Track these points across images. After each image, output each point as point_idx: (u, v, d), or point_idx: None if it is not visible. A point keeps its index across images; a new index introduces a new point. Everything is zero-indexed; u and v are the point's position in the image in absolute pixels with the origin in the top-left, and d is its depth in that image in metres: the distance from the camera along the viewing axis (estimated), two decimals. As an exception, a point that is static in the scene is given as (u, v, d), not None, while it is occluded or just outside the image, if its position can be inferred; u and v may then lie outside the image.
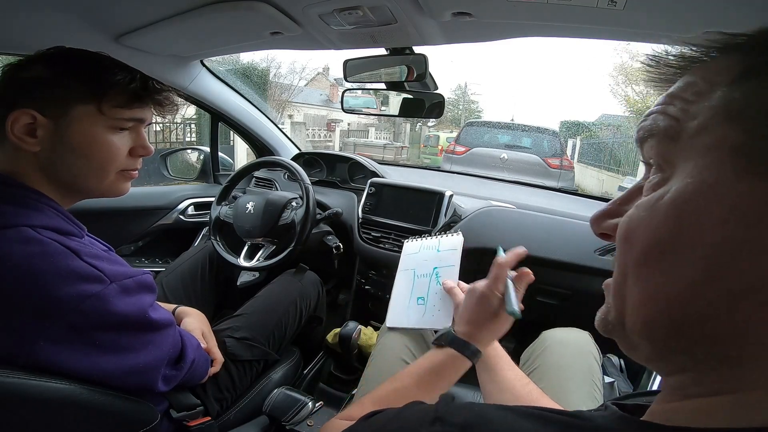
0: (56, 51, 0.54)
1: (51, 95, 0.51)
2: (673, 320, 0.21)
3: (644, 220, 0.22)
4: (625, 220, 0.24)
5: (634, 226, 0.23)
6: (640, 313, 0.23)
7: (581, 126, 11.18)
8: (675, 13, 0.59)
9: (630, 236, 0.23)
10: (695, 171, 0.21)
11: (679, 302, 0.21)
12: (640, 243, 0.22)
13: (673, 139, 0.22)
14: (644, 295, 0.22)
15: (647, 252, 0.22)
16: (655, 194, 0.23)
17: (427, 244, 0.83)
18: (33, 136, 0.50)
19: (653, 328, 0.22)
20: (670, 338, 0.22)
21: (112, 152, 0.55)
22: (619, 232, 0.24)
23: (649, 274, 0.22)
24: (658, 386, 0.88)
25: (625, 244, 0.23)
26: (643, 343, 0.23)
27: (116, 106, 0.54)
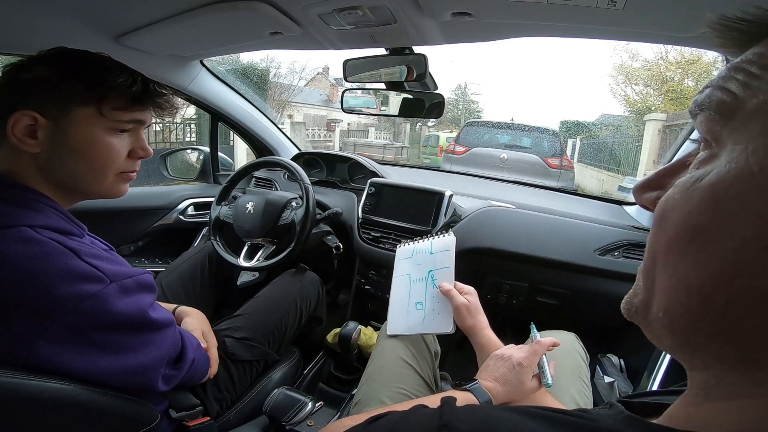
0: (57, 52, 0.54)
1: (52, 97, 0.51)
2: (694, 312, 0.20)
3: (679, 202, 0.21)
4: (663, 200, 0.22)
5: (669, 208, 0.22)
6: (663, 301, 0.22)
7: (581, 126, 11.19)
8: (675, 13, 0.59)
9: (664, 218, 0.22)
10: (741, 156, 0.19)
11: (702, 294, 0.19)
12: (672, 226, 0.21)
13: (725, 117, 0.20)
14: (669, 282, 0.21)
15: (678, 237, 0.21)
16: (695, 174, 0.21)
17: (419, 247, 0.83)
18: (33, 137, 0.50)
19: (674, 318, 0.21)
20: (689, 331, 0.21)
21: (111, 154, 0.55)
22: (656, 212, 0.23)
23: (676, 260, 0.21)
24: (658, 386, 0.88)
25: (659, 226, 0.22)
26: (664, 333, 0.22)
27: (116, 109, 0.54)
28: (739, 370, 0.20)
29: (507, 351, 0.63)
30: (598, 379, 1.00)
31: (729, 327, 0.19)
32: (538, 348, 0.62)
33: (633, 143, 7.49)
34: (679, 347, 0.22)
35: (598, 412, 0.25)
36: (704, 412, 0.21)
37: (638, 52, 10.46)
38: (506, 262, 1.09)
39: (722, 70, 0.22)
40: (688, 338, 0.21)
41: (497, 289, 1.12)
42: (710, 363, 0.21)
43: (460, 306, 0.70)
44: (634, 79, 10.58)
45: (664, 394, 0.30)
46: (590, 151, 9.15)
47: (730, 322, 0.19)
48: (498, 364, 0.61)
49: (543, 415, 0.23)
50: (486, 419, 0.24)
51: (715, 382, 0.21)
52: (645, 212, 1.15)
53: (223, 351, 0.79)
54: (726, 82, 0.21)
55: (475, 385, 0.58)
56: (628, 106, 10.69)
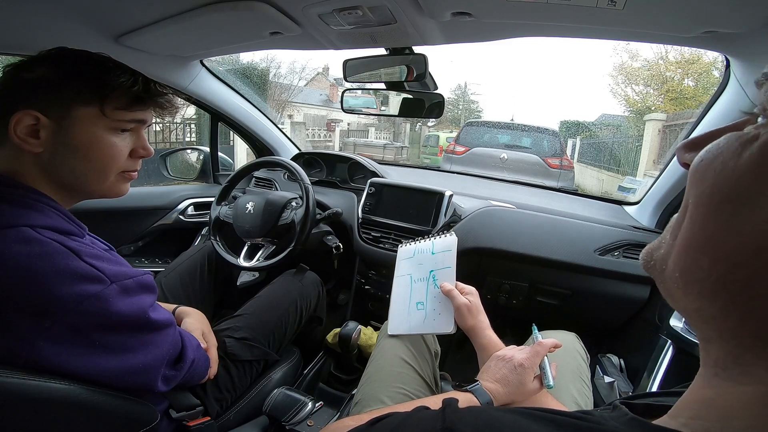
0: (59, 52, 0.54)
1: (54, 97, 0.51)
2: (713, 278, 0.19)
3: (722, 156, 0.19)
4: (705, 151, 0.21)
5: (710, 159, 0.20)
6: (680, 260, 0.20)
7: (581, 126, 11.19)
8: (675, 13, 0.59)
9: (702, 170, 0.20)
10: None
11: (726, 261, 0.18)
12: (710, 179, 0.19)
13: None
14: (692, 240, 0.20)
15: (713, 192, 0.19)
16: (751, 132, 0.19)
17: (421, 247, 0.83)
18: (35, 137, 0.50)
19: (690, 281, 0.20)
20: (704, 298, 0.19)
21: (113, 154, 0.56)
22: (694, 163, 0.21)
23: (705, 217, 0.19)
24: (658, 386, 0.88)
25: (694, 177, 0.21)
26: (677, 293, 0.21)
27: (118, 108, 0.54)
28: (754, 350, 0.19)
29: (508, 352, 0.63)
30: (598, 379, 1.00)
31: (748, 301, 0.18)
32: (540, 349, 0.62)
33: (633, 143, 7.49)
34: (693, 312, 0.21)
35: (601, 414, 0.25)
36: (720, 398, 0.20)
37: (638, 52, 10.48)
38: (506, 262, 1.09)
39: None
40: (701, 305, 0.20)
41: (497, 289, 1.12)
42: (725, 337, 0.20)
43: (461, 306, 0.70)
44: (634, 79, 10.59)
45: (667, 395, 0.30)
46: (590, 151, 9.15)
47: (750, 296, 0.18)
48: (499, 365, 0.61)
49: (546, 417, 0.23)
50: (489, 421, 0.24)
51: (732, 359, 0.20)
52: (645, 212, 1.16)
53: (223, 351, 0.79)
54: None
55: (477, 386, 0.57)
56: (628, 106, 10.69)
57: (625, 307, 1.03)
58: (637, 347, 1.02)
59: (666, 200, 1.07)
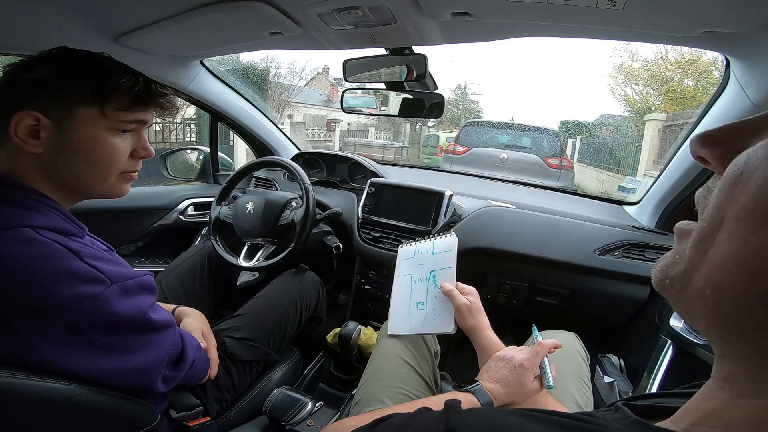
0: (60, 52, 0.54)
1: (55, 97, 0.51)
2: (751, 296, 0.18)
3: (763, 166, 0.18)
4: (743, 160, 0.19)
5: (752, 168, 0.19)
6: (715, 276, 0.19)
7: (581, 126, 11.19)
8: (675, 13, 0.59)
9: (742, 180, 0.19)
10: None
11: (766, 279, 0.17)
12: (752, 192, 0.18)
13: None
14: (730, 255, 0.19)
15: (756, 205, 0.18)
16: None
17: (421, 247, 0.83)
18: (36, 137, 0.50)
19: (724, 297, 0.19)
20: (738, 315, 0.18)
21: (114, 154, 0.55)
22: (729, 172, 0.20)
23: (748, 231, 0.18)
24: (658, 386, 0.88)
25: (733, 187, 0.19)
26: (703, 312, 0.20)
27: (119, 109, 0.54)
28: None
29: (508, 352, 0.63)
30: (598, 379, 1.00)
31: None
32: (540, 349, 0.62)
33: (633, 143, 7.50)
34: (715, 330, 0.20)
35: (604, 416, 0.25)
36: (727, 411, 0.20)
37: (638, 52, 10.48)
38: (506, 262, 1.09)
39: None
40: (733, 323, 0.19)
41: (497, 289, 1.12)
42: (746, 354, 0.19)
43: (462, 306, 0.70)
44: (634, 79, 10.58)
45: (668, 397, 0.30)
46: (590, 151, 9.15)
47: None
48: (499, 365, 0.61)
49: (550, 419, 0.23)
50: (493, 423, 0.23)
51: (746, 376, 0.19)
52: (645, 212, 1.16)
53: (223, 351, 0.79)
54: None
55: (477, 386, 0.57)
56: (628, 106, 10.69)
57: (625, 307, 1.03)
58: (637, 347, 1.02)
59: (666, 200, 1.07)
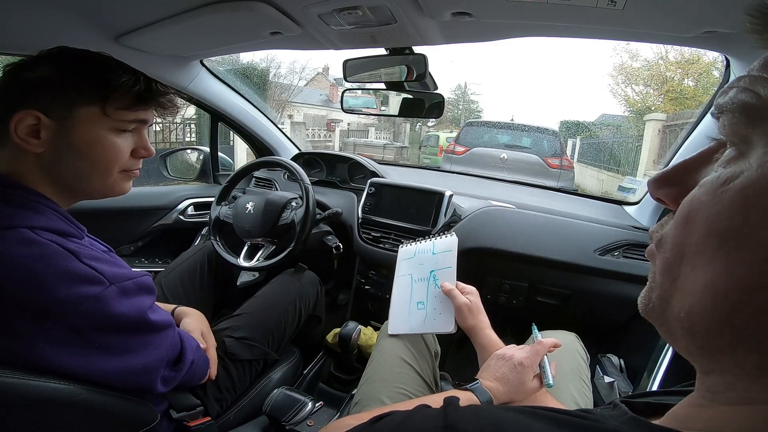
0: (60, 51, 0.54)
1: (56, 96, 0.51)
2: (717, 318, 0.19)
3: (706, 205, 0.20)
4: (688, 200, 0.22)
5: (696, 207, 0.21)
6: (685, 302, 0.21)
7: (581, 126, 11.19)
8: (675, 13, 0.59)
9: (690, 218, 0.21)
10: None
11: (728, 301, 0.19)
12: (699, 228, 0.20)
13: (753, 119, 0.20)
14: (694, 283, 0.20)
15: (706, 240, 0.20)
16: (724, 174, 0.20)
17: (422, 247, 0.83)
18: (37, 137, 0.50)
19: (695, 320, 0.20)
20: (711, 335, 0.20)
21: (115, 153, 0.55)
22: (680, 212, 0.22)
23: (704, 262, 0.20)
24: (658, 386, 0.88)
25: (685, 226, 0.21)
26: (682, 334, 0.22)
27: (120, 108, 0.54)
28: (753, 377, 0.19)
29: (508, 351, 0.63)
30: (598, 379, 1.00)
31: (753, 335, 0.19)
32: (540, 348, 0.62)
33: (633, 143, 7.50)
34: (696, 350, 0.22)
35: (601, 413, 0.25)
36: (707, 414, 0.21)
37: (638, 52, 10.48)
38: (506, 262, 1.09)
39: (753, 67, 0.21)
40: (708, 342, 0.20)
41: (497, 289, 1.12)
42: (727, 368, 0.21)
43: (462, 306, 0.70)
44: (634, 79, 10.58)
45: (666, 395, 0.30)
46: (590, 151, 9.15)
47: (755, 331, 0.18)
48: (499, 363, 0.61)
49: (548, 416, 0.23)
50: (491, 420, 0.24)
51: (725, 387, 0.21)
52: (645, 212, 1.16)
53: (222, 351, 0.79)
54: (753, 84, 0.20)
55: (477, 384, 0.58)
56: (628, 106, 10.69)
57: (625, 307, 1.03)
58: (637, 347, 1.02)
59: (666, 200, 1.07)
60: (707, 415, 0.21)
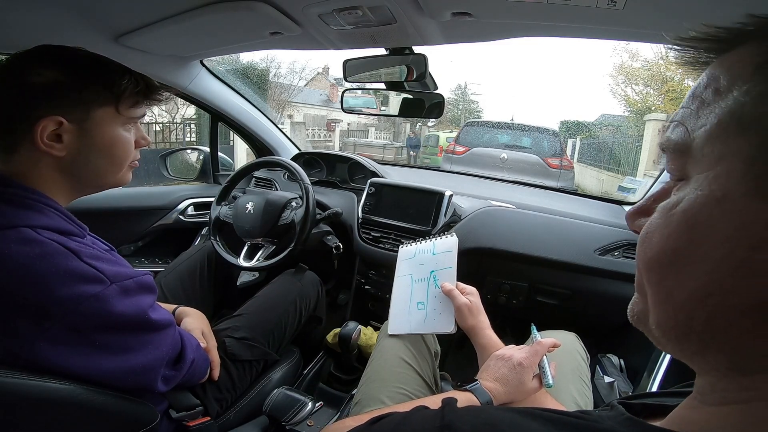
0: (58, 52, 0.53)
1: (74, 100, 0.52)
2: (680, 326, 0.21)
3: (659, 227, 0.23)
4: (646, 225, 0.24)
5: (652, 230, 0.23)
6: (654, 314, 0.23)
7: (581, 126, 11.19)
8: (675, 13, 0.59)
9: (647, 239, 0.23)
10: (705, 183, 0.20)
11: (684, 311, 0.21)
12: (653, 248, 0.23)
13: (684, 153, 0.22)
14: (657, 297, 0.23)
15: (659, 258, 0.22)
16: (671, 201, 0.23)
17: (422, 247, 0.83)
18: (59, 141, 0.52)
19: (665, 330, 0.23)
20: (681, 342, 0.22)
21: (128, 148, 0.59)
22: (641, 233, 0.24)
23: (659, 279, 0.22)
24: (658, 386, 0.88)
25: (641, 247, 0.24)
26: (662, 340, 0.23)
27: (130, 106, 0.57)
28: (729, 377, 0.21)
29: (508, 351, 0.63)
30: (598, 379, 1.00)
31: (713, 339, 0.20)
32: (539, 348, 0.62)
33: (633, 143, 7.50)
34: (678, 353, 0.24)
35: (599, 414, 0.25)
36: (698, 416, 0.22)
37: (638, 52, 10.45)
38: (506, 262, 1.09)
39: (684, 99, 0.23)
40: (681, 347, 0.23)
41: (497, 289, 1.12)
42: (706, 369, 0.22)
43: (462, 306, 0.70)
44: (634, 79, 10.56)
45: (664, 396, 0.30)
46: (590, 151, 9.15)
47: (712, 335, 0.20)
48: (499, 364, 0.61)
49: (545, 416, 0.23)
50: (488, 420, 0.24)
51: (709, 388, 0.22)
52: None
53: (223, 351, 0.79)
54: (683, 116, 0.23)
55: (476, 385, 0.57)
56: (628, 106, 10.68)
57: (625, 307, 1.02)
58: (637, 347, 1.02)
59: (666, 200, 1.07)
60: (699, 417, 0.22)
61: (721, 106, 0.20)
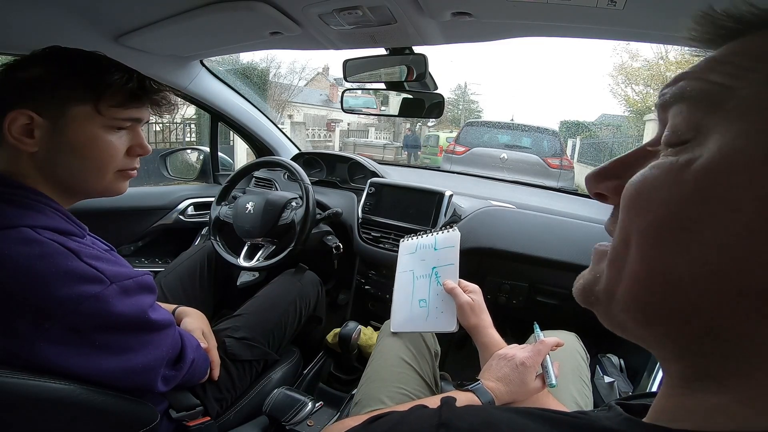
0: (52, 50, 0.54)
1: (48, 95, 0.51)
2: (669, 305, 0.19)
3: (665, 185, 0.19)
4: (638, 180, 0.21)
5: (649, 189, 0.20)
6: (633, 289, 0.20)
7: (581, 126, 11.18)
8: (675, 13, 0.59)
9: (642, 201, 0.20)
10: (737, 143, 0.17)
11: (683, 288, 0.18)
12: (654, 211, 0.19)
13: (715, 105, 0.19)
14: (644, 270, 0.20)
15: (661, 223, 0.19)
16: (679, 159, 0.19)
17: (423, 242, 0.82)
18: (31, 136, 0.50)
19: (644, 308, 0.20)
20: (661, 322, 0.20)
21: (110, 152, 0.55)
22: (627, 194, 0.21)
23: (656, 247, 0.19)
24: (658, 386, 0.88)
25: (634, 210, 0.21)
26: (630, 323, 0.21)
27: (113, 106, 0.54)
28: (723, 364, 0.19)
29: (510, 351, 0.62)
30: (598, 379, 1.00)
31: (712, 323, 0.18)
32: (542, 348, 0.61)
33: (633, 143, 7.50)
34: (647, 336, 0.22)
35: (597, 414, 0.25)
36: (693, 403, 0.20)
37: (638, 52, 10.44)
38: (506, 262, 1.09)
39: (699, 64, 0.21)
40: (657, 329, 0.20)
41: (497, 289, 1.12)
42: (685, 354, 0.20)
43: (464, 304, 0.69)
44: (634, 79, 10.55)
45: None
46: (590, 151, 9.15)
47: (713, 318, 0.18)
48: (501, 363, 0.60)
49: (543, 415, 0.23)
50: (486, 419, 0.24)
51: (692, 374, 0.20)
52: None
53: (223, 351, 0.79)
54: (707, 73, 0.20)
55: (478, 385, 0.57)
56: (628, 106, 10.67)
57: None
58: (637, 347, 1.00)
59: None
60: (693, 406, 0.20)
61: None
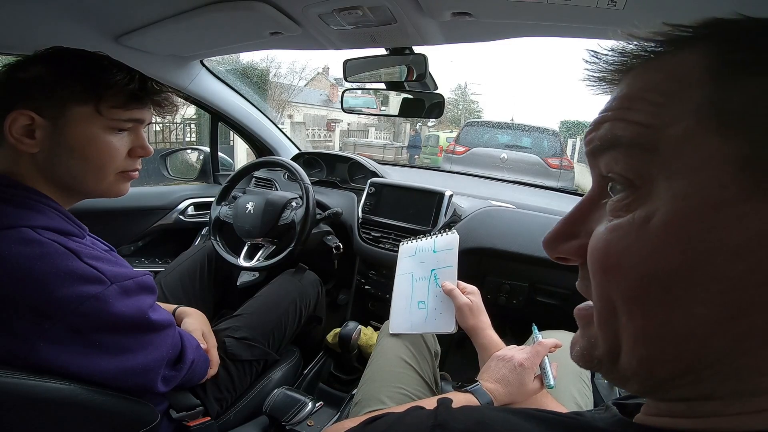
0: (53, 51, 0.54)
1: (49, 96, 0.51)
2: (683, 359, 0.19)
3: (631, 248, 0.19)
4: (600, 246, 0.20)
5: (616, 253, 0.20)
6: (637, 351, 0.20)
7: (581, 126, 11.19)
8: (675, 13, 0.59)
9: (613, 265, 0.20)
10: (690, 189, 0.17)
11: (694, 341, 0.18)
12: (631, 274, 0.19)
13: (649, 151, 0.19)
14: (644, 332, 0.19)
15: (644, 285, 0.19)
16: (635, 216, 0.19)
17: (422, 245, 0.82)
18: (31, 137, 0.50)
19: (654, 366, 0.19)
20: (674, 377, 0.19)
21: (110, 153, 0.55)
22: (594, 260, 0.21)
23: (648, 309, 0.19)
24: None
25: (606, 275, 0.20)
26: (635, 379, 0.21)
27: (114, 107, 0.54)
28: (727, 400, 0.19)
29: (508, 352, 0.62)
30: (598, 379, 1.00)
31: (729, 366, 0.18)
32: (540, 349, 0.62)
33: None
34: (651, 389, 0.21)
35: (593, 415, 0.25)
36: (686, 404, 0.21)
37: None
38: (506, 262, 1.09)
39: (609, 102, 0.21)
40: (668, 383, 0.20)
41: (497, 289, 1.12)
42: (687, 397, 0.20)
43: (463, 306, 0.69)
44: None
45: None
46: (590, 151, 9.13)
47: (732, 361, 0.18)
48: (499, 365, 0.61)
49: (538, 416, 0.23)
50: (481, 419, 0.24)
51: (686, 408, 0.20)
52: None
53: (223, 351, 0.79)
54: (626, 113, 0.20)
55: (477, 386, 0.57)
56: (628, 106, 10.65)
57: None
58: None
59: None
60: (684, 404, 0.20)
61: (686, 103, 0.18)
